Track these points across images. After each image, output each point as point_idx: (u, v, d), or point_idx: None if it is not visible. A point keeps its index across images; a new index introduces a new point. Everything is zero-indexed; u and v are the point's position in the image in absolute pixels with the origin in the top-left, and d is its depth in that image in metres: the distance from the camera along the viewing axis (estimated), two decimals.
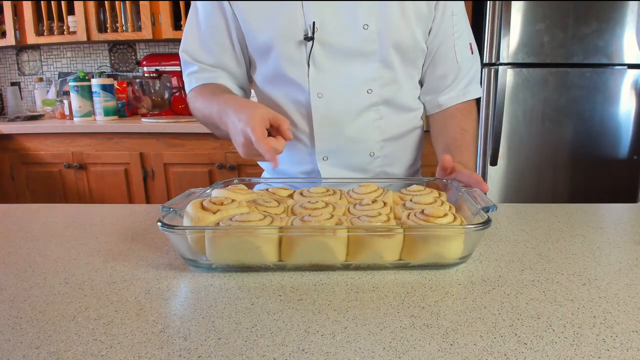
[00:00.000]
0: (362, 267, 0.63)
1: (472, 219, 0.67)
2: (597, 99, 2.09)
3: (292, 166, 1.02)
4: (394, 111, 0.97)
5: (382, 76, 0.92)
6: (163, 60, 2.65)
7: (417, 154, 1.07)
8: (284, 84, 0.94)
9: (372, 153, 0.98)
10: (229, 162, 2.30)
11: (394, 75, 0.94)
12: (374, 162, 0.99)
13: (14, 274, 0.64)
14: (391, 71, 0.93)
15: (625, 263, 0.65)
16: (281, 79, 0.94)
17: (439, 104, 1.02)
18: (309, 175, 1.01)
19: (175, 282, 0.60)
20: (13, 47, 2.92)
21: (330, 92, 0.92)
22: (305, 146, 0.98)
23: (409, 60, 0.95)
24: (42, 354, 0.45)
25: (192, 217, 0.64)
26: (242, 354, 0.44)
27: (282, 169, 1.04)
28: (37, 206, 0.98)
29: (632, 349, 0.45)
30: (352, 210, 0.69)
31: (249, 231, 0.60)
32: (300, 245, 0.61)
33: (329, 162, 0.97)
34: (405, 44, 0.92)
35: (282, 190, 0.79)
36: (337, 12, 0.88)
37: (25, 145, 2.44)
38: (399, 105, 0.97)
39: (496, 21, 2.01)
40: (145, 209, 0.94)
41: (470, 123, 1.00)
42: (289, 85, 0.94)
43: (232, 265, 0.63)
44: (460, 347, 0.45)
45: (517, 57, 2.05)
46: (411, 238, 0.61)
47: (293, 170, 1.03)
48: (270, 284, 0.60)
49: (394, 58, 0.92)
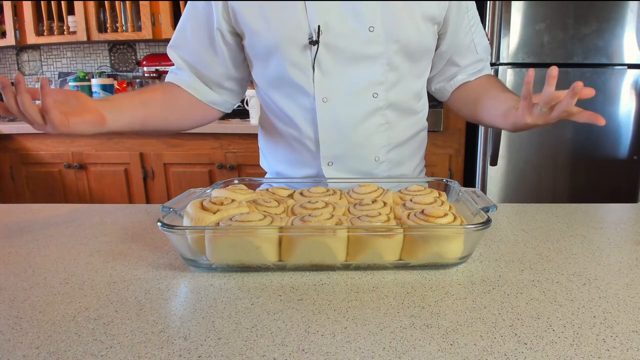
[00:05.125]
0: (362, 267, 0.63)
1: (472, 219, 0.67)
2: (597, 99, 2.09)
3: (296, 170, 1.02)
4: (400, 115, 0.96)
5: (388, 79, 0.91)
6: (163, 60, 2.65)
7: (421, 156, 1.07)
8: (288, 88, 0.93)
9: (378, 158, 0.97)
10: (229, 162, 2.30)
11: (400, 78, 0.93)
12: (380, 167, 0.98)
13: (14, 274, 0.64)
14: (397, 73, 0.92)
15: (625, 263, 0.65)
16: (285, 83, 0.93)
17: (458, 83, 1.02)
18: None
19: (175, 282, 0.60)
20: (13, 47, 2.92)
21: (336, 96, 0.91)
22: (309, 151, 0.97)
23: (415, 62, 0.94)
24: (42, 354, 0.45)
25: (192, 217, 0.64)
26: (242, 354, 0.44)
27: (286, 173, 1.04)
28: (37, 206, 0.98)
29: (632, 349, 0.45)
30: (352, 211, 0.69)
31: (249, 231, 0.60)
32: (301, 245, 0.61)
33: (334, 167, 0.96)
34: (412, 45, 0.90)
35: (282, 190, 0.79)
36: (341, 14, 0.87)
37: (25, 145, 2.44)
38: (405, 109, 0.97)
39: (496, 21, 2.01)
40: (145, 209, 0.94)
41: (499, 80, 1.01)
42: (293, 90, 0.93)
43: (232, 265, 0.63)
44: (460, 347, 0.45)
45: (517, 57, 2.05)
46: (411, 238, 0.61)
47: (297, 175, 1.02)
48: (270, 284, 0.59)
49: (401, 60, 0.91)
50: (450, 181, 0.84)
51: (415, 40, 0.90)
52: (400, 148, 0.99)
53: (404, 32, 0.88)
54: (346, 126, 0.93)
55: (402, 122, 0.97)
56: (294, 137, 0.97)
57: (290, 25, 0.87)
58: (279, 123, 0.98)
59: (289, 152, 1.00)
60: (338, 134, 0.93)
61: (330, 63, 0.89)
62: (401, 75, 0.93)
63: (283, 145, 1.00)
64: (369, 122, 0.93)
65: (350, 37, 0.88)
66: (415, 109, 0.99)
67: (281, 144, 1.01)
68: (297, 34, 0.87)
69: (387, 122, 0.95)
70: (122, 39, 2.65)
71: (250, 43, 0.92)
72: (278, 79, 0.93)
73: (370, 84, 0.91)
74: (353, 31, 0.87)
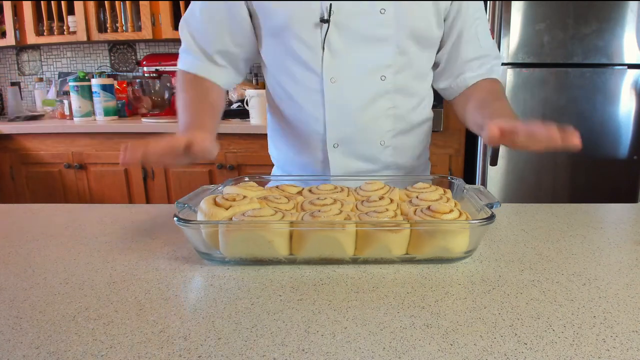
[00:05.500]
0: (370, 261, 0.65)
1: (476, 215, 0.69)
2: (597, 99, 2.09)
3: (302, 155, 1.02)
4: (407, 100, 0.96)
5: (397, 63, 0.92)
6: (163, 60, 2.65)
7: (425, 145, 1.07)
8: (297, 68, 0.94)
9: (383, 142, 0.97)
10: (229, 162, 2.30)
11: (408, 62, 0.93)
12: (385, 152, 0.98)
13: (14, 274, 0.64)
14: (406, 58, 0.92)
15: (625, 263, 0.65)
16: (294, 62, 0.93)
17: (466, 82, 0.98)
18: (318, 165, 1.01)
19: (175, 282, 0.60)
20: (13, 47, 2.92)
21: (344, 77, 0.91)
22: (316, 133, 0.97)
23: (423, 47, 0.94)
24: (42, 354, 0.45)
25: (205, 212, 0.67)
26: (242, 354, 0.44)
27: (294, 158, 1.04)
28: (37, 206, 0.98)
29: (632, 349, 0.45)
30: (359, 207, 0.71)
31: (261, 226, 0.62)
32: (311, 239, 0.63)
33: (340, 150, 0.97)
34: (421, 31, 0.91)
35: (291, 188, 0.81)
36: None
37: (25, 145, 2.44)
38: (412, 94, 0.97)
39: (496, 21, 2.01)
40: (145, 209, 0.94)
41: (499, 87, 0.98)
42: (301, 69, 0.93)
43: (244, 258, 0.65)
44: (460, 347, 0.45)
45: (517, 57, 2.05)
46: (418, 233, 0.63)
47: (302, 160, 1.03)
48: (270, 284, 0.60)
49: (409, 44, 0.91)
50: (455, 178, 0.85)
51: (424, 26, 0.91)
52: (405, 135, 1.00)
53: (413, 17, 0.89)
54: (353, 107, 0.93)
55: (409, 107, 0.98)
56: (301, 119, 0.97)
57: (302, 3, 0.88)
58: (286, 106, 0.99)
59: (296, 135, 1.01)
60: (345, 114, 0.94)
61: (340, 43, 0.89)
62: (410, 60, 0.93)
63: (290, 128, 1.01)
64: (376, 105, 0.94)
65: (361, 17, 0.88)
66: (422, 95, 1.00)
67: (288, 127, 1.01)
68: (308, 11, 0.88)
69: (394, 106, 0.95)
70: (122, 39, 2.65)
71: (263, 20, 0.92)
72: (287, 57, 0.94)
73: (378, 67, 0.91)
74: (364, 12, 0.88)
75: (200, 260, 0.67)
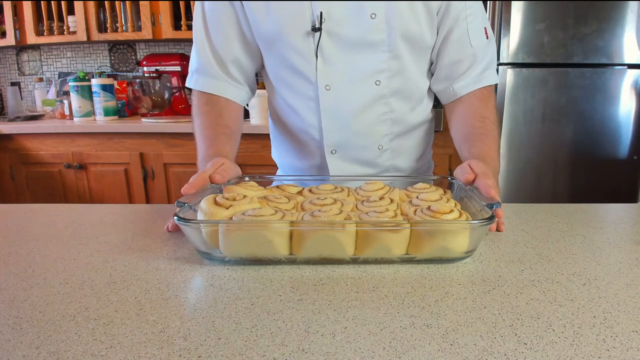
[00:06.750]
0: (370, 261, 0.65)
1: (476, 215, 0.68)
2: (597, 99, 2.09)
3: (301, 160, 1.03)
4: (403, 104, 0.96)
5: (391, 67, 0.92)
6: (163, 60, 2.65)
7: (426, 147, 1.06)
8: (292, 77, 0.94)
9: (381, 146, 0.97)
10: None
11: (402, 66, 0.92)
12: (383, 156, 0.98)
13: (14, 274, 0.64)
14: (400, 62, 0.92)
15: (625, 263, 0.65)
16: (289, 71, 0.94)
17: (455, 92, 0.96)
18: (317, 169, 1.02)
19: (175, 282, 0.60)
20: (13, 47, 2.92)
21: (338, 84, 0.92)
22: (314, 140, 0.98)
23: (417, 50, 0.93)
24: (42, 354, 0.45)
25: (205, 212, 0.67)
26: (242, 354, 0.44)
27: (294, 164, 1.05)
28: (37, 206, 0.98)
29: (632, 349, 0.45)
30: (360, 207, 0.71)
31: (261, 225, 0.62)
32: (311, 239, 0.63)
33: (338, 155, 0.97)
34: (413, 33, 0.90)
35: (291, 187, 0.81)
36: (344, 1, 0.87)
37: (25, 145, 2.44)
38: (408, 98, 0.96)
39: (496, 21, 2.01)
40: (145, 209, 0.94)
41: (490, 109, 0.96)
42: (296, 78, 0.94)
43: (244, 258, 0.65)
44: (460, 347, 0.45)
45: (517, 57, 2.05)
46: (418, 233, 0.63)
47: (302, 165, 1.03)
48: (270, 284, 0.60)
49: (403, 48, 0.91)
50: (455, 179, 0.85)
51: (416, 28, 0.90)
52: (404, 137, 0.99)
53: (405, 20, 0.88)
54: (349, 113, 0.93)
55: (406, 111, 0.97)
56: (299, 127, 0.98)
57: (293, 12, 0.88)
58: (284, 113, 1.00)
59: (295, 141, 1.01)
60: (341, 121, 0.94)
61: (332, 50, 0.90)
62: (404, 64, 0.92)
63: (289, 135, 1.02)
64: (371, 110, 0.94)
65: (352, 23, 0.88)
66: (419, 98, 0.99)
67: (288, 134, 1.02)
68: (299, 21, 0.88)
69: (390, 111, 0.95)
70: (122, 39, 2.65)
71: (256, 30, 0.93)
72: (282, 67, 0.94)
73: (372, 72, 0.91)
74: (355, 18, 0.88)
75: (200, 260, 0.67)
